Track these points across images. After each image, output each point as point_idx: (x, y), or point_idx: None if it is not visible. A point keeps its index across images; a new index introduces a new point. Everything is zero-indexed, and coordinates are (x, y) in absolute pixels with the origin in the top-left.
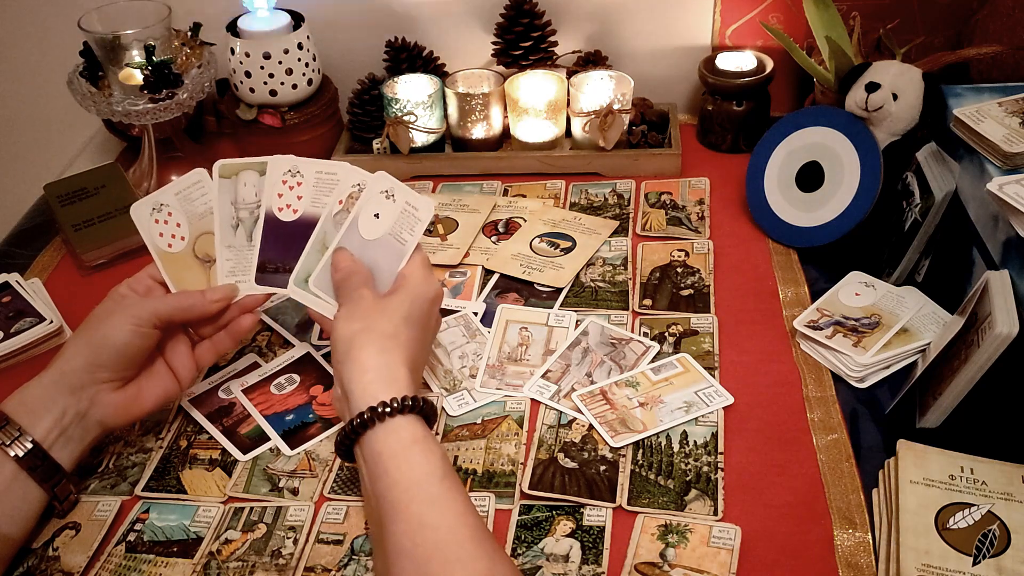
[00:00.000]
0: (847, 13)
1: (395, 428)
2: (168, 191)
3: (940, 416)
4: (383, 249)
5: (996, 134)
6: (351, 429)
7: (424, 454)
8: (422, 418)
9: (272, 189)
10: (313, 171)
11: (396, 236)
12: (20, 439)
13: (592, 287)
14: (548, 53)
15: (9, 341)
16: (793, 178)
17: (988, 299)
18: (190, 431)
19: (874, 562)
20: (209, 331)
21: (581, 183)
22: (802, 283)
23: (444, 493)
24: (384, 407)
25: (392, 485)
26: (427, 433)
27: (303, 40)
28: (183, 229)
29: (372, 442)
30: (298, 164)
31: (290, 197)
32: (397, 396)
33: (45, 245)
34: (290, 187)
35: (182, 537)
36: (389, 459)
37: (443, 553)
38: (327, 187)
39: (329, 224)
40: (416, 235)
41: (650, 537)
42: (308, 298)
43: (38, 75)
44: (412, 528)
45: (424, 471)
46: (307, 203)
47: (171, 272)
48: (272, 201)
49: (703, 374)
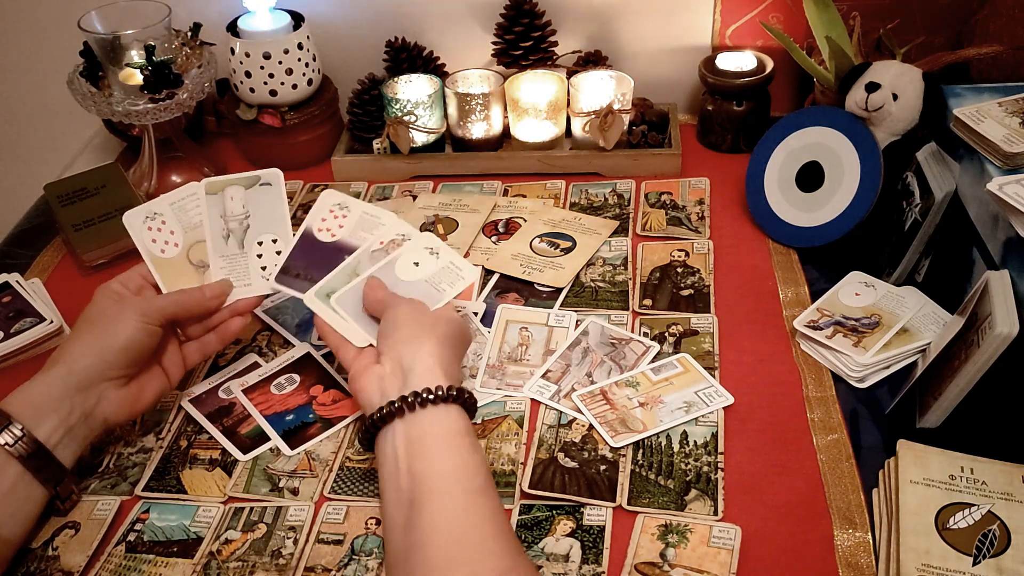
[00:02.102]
0: (847, 13)
1: (450, 414)
2: (163, 201)
3: (940, 416)
4: (416, 292)
5: (996, 134)
6: (413, 400)
7: (473, 445)
8: (467, 414)
9: (318, 213)
10: (360, 210)
11: (434, 285)
12: (23, 439)
13: (592, 287)
14: (548, 53)
15: (9, 341)
16: (793, 178)
17: (988, 299)
18: (190, 431)
19: (874, 562)
20: (197, 332)
21: (581, 183)
22: (802, 283)
23: (486, 486)
24: (450, 390)
25: (437, 466)
26: (472, 428)
27: (303, 40)
28: (177, 236)
29: (424, 420)
30: (347, 201)
31: (332, 224)
32: (459, 387)
33: (45, 245)
34: (335, 216)
35: (182, 537)
36: (438, 440)
37: (474, 541)
38: (369, 226)
39: (365, 256)
40: (455, 290)
41: (650, 537)
42: (326, 311)
43: (38, 75)
44: (450, 512)
45: (470, 461)
46: (346, 233)
47: (165, 277)
48: (314, 223)
49: (703, 374)
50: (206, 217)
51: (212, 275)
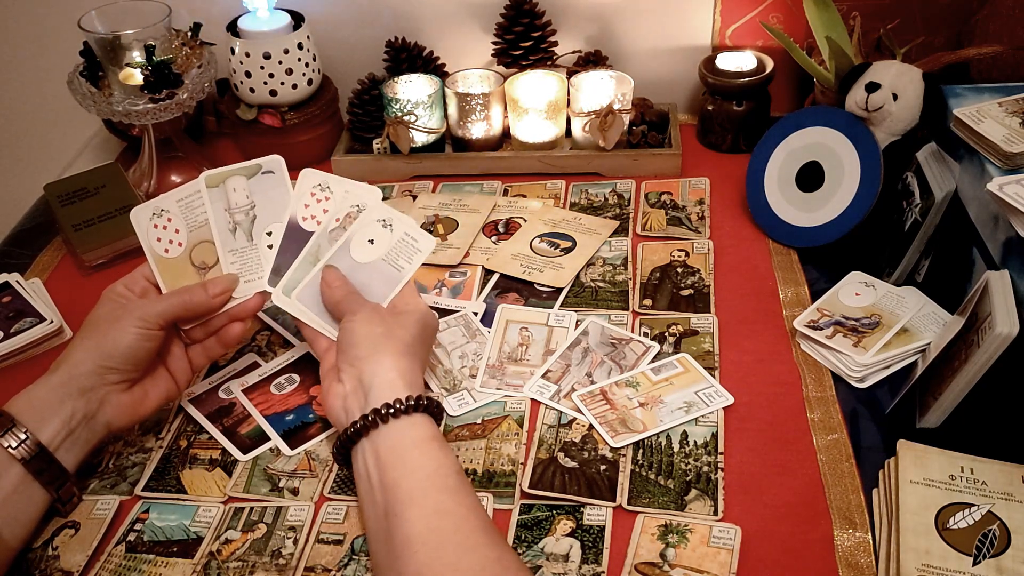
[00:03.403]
0: (847, 13)
1: (416, 423)
2: (170, 197)
3: (940, 416)
4: (375, 273)
5: (996, 134)
6: (374, 417)
7: (442, 448)
8: (434, 420)
9: (300, 200)
10: (342, 189)
11: (392, 263)
12: (26, 442)
13: (592, 287)
14: (548, 53)
15: (9, 341)
16: (793, 178)
17: (988, 299)
18: (190, 431)
19: (874, 562)
20: (200, 335)
21: (581, 183)
22: (802, 283)
23: (460, 485)
24: (410, 400)
25: (409, 474)
26: (440, 433)
27: (303, 40)
28: (181, 235)
29: (391, 433)
30: (328, 180)
31: (316, 209)
32: (419, 395)
33: (45, 245)
34: (317, 200)
35: (182, 537)
36: (408, 449)
37: (457, 539)
38: (351, 205)
39: (324, 238)
40: (414, 265)
41: (650, 537)
42: (293, 307)
43: (38, 75)
44: (428, 514)
45: (443, 463)
46: (331, 216)
47: (166, 277)
48: (298, 210)
49: (703, 374)
50: (210, 211)
51: (223, 271)
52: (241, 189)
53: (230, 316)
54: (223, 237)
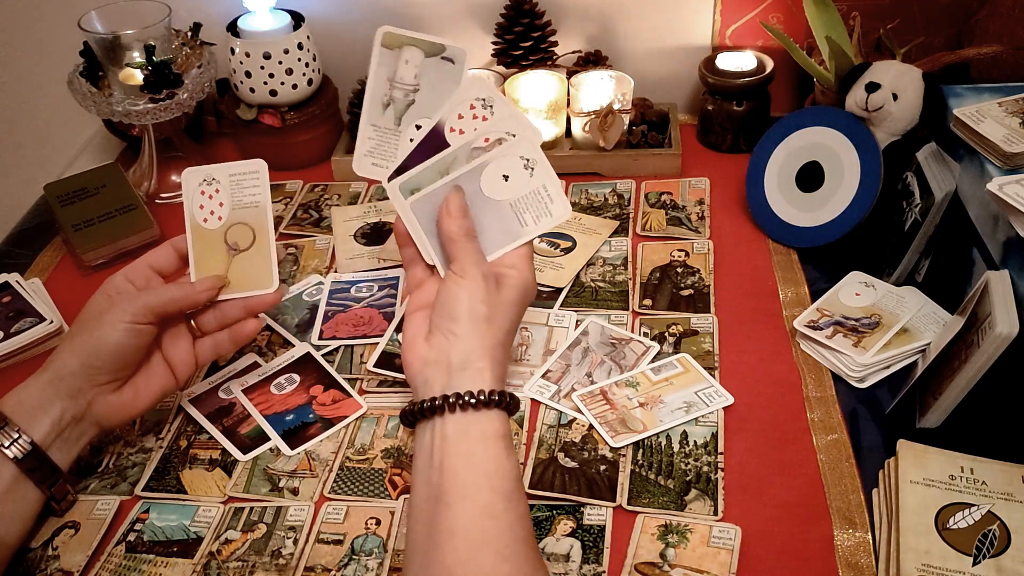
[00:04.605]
0: (847, 13)
1: (491, 417)
2: (224, 169)
3: (940, 416)
4: (497, 216)
5: (996, 134)
6: (454, 402)
7: (507, 449)
8: (508, 417)
9: (457, 106)
10: (507, 112)
11: (518, 213)
12: (19, 440)
13: (592, 287)
14: (548, 53)
15: (9, 341)
16: (793, 178)
17: (988, 299)
18: (190, 431)
19: (874, 562)
20: (212, 326)
21: (581, 183)
22: (802, 283)
23: (515, 491)
24: (493, 395)
25: (470, 466)
26: (510, 431)
27: (303, 40)
28: (224, 210)
29: (464, 420)
30: (495, 98)
31: (468, 123)
32: (501, 391)
33: (45, 245)
34: (475, 115)
35: (182, 537)
36: (476, 442)
37: (498, 545)
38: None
39: (464, 152)
40: (539, 228)
41: (650, 537)
42: (405, 210)
43: (38, 75)
44: (477, 512)
45: (503, 465)
46: (480, 134)
47: (197, 247)
48: (450, 117)
49: (703, 374)
50: (372, 74)
51: (357, 147)
52: (413, 64)
53: (246, 308)
54: (372, 108)
